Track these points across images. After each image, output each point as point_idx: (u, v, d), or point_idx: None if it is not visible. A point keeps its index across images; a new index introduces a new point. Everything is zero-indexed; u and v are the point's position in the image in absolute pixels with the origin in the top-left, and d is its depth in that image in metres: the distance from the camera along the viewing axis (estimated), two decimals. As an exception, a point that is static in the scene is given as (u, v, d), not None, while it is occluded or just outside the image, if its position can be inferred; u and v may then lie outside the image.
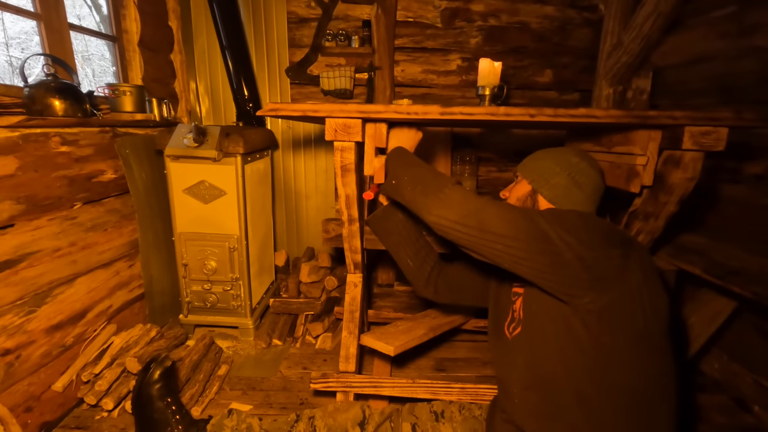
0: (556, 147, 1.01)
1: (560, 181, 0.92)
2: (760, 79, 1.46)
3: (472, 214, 0.76)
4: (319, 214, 2.53)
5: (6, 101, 1.33)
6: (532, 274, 0.75)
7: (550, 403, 0.79)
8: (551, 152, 0.98)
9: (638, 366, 0.72)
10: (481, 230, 0.75)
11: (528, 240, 0.73)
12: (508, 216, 0.75)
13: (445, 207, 0.79)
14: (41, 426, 1.31)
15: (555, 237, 0.72)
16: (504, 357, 0.93)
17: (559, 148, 0.99)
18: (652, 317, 0.72)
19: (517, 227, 0.74)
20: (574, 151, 0.95)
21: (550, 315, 0.79)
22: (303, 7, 2.26)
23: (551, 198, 0.92)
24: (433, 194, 0.82)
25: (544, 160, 0.97)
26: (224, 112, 2.38)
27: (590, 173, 0.92)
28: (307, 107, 1.02)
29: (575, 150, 0.97)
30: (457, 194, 0.80)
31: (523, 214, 0.76)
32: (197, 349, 1.62)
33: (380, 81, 2.27)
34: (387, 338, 1.36)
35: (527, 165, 1.00)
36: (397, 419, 1.07)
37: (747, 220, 1.52)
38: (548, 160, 0.96)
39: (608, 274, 0.71)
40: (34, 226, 1.28)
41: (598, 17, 2.26)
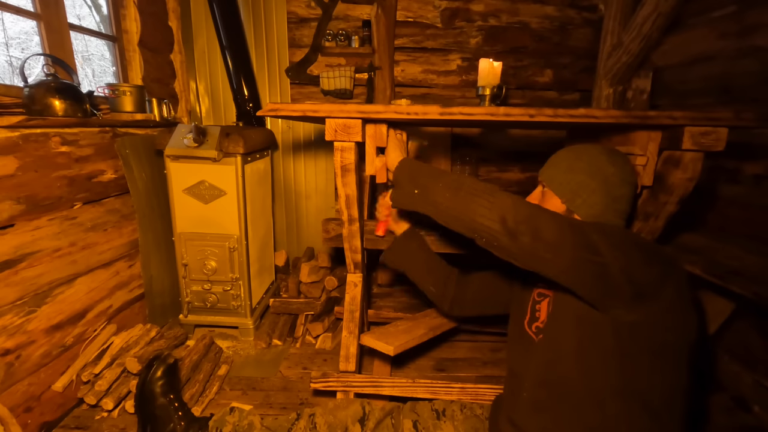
0: (584, 148, 0.91)
1: (598, 199, 0.85)
2: (759, 79, 1.46)
3: (525, 221, 0.73)
4: (319, 214, 2.53)
5: (6, 101, 1.33)
6: (574, 284, 0.74)
7: (562, 402, 0.79)
8: (582, 160, 0.88)
9: (659, 378, 0.73)
10: (534, 238, 0.72)
11: (578, 250, 0.71)
12: (561, 226, 0.72)
13: (497, 210, 0.74)
14: (41, 426, 1.31)
15: (604, 250, 0.70)
16: (522, 352, 0.93)
17: (589, 151, 0.89)
18: (681, 334, 0.73)
19: (570, 238, 0.72)
20: (608, 157, 0.87)
21: (580, 319, 0.79)
22: (303, 7, 2.26)
23: (587, 217, 0.87)
24: (483, 197, 0.77)
25: (576, 173, 0.87)
26: (224, 112, 2.38)
27: (625, 185, 0.86)
28: (307, 107, 1.02)
29: (608, 154, 0.88)
30: (509, 199, 0.76)
31: (574, 225, 0.74)
32: (197, 349, 1.62)
33: (380, 81, 2.27)
34: (387, 338, 1.36)
35: (556, 178, 0.91)
36: (398, 416, 1.07)
37: (747, 220, 1.53)
38: (582, 173, 0.87)
39: (648, 290, 0.71)
40: (34, 226, 1.28)
41: (598, 17, 2.26)
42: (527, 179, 2.51)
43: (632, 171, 0.88)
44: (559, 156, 0.94)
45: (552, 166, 0.93)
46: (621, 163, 0.86)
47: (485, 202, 0.76)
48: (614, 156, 0.88)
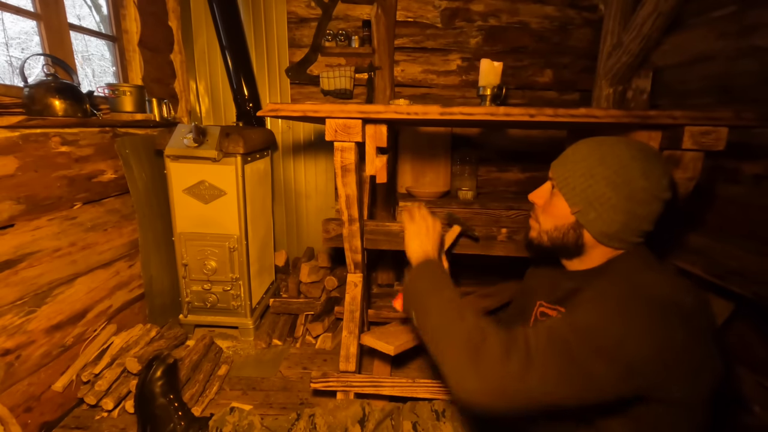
0: (612, 147, 0.73)
1: (617, 218, 0.71)
2: (759, 79, 1.46)
3: (515, 391, 0.59)
4: (319, 214, 2.53)
5: (6, 101, 1.33)
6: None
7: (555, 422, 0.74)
8: (607, 165, 0.71)
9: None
10: (530, 401, 0.60)
11: (587, 392, 0.60)
12: (559, 378, 0.59)
13: (477, 395, 0.60)
14: (41, 426, 1.31)
15: (620, 378, 0.59)
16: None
17: (618, 153, 0.71)
18: (704, 390, 0.64)
19: (573, 386, 0.59)
20: (641, 166, 0.69)
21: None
22: (303, 7, 2.26)
23: (600, 237, 0.74)
24: (458, 375, 0.62)
25: (596, 180, 0.72)
26: (224, 112, 2.38)
27: (655, 203, 0.70)
28: (307, 108, 1.02)
29: (642, 160, 0.70)
30: (494, 356, 0.60)
31: (573, 365, 0.59)
32: (197, 349, 1.62)
33: (380, 81, 2.27)
34: (387, 338, 1.36)
35: (570, 180, 0.75)
36: (397, 417, 1.07)
37: (747, 220, 1.52)
38: (604, 182, 0.71)
39: (681, 379, 0.61)
40: (34, 226, 1.28)
41: (598, 17, 2.26)
42: (527, 179, 2.51)
43: (669, 183, 0.71)
44: (580, 152, 0.76)
45: (568, 163, 0.77)
46: (657, 176, 0.69)
47: (467, 370, 0.61)
48: (650, 164, 0.70)
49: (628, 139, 0.75)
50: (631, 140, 0.75)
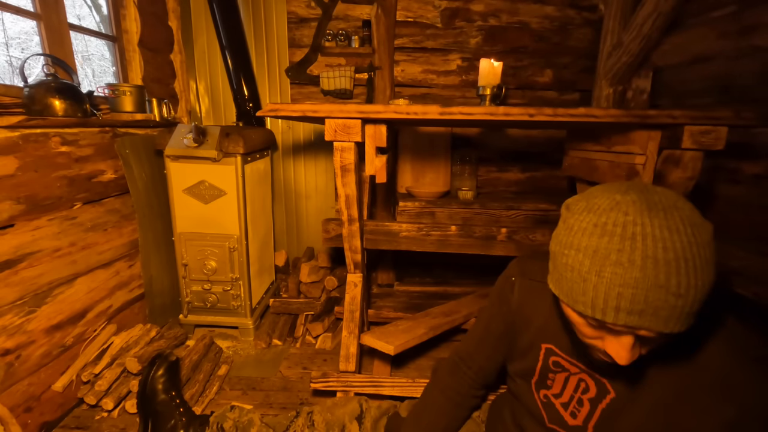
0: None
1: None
2: (759, 79, 1.46)
3: None
4: (319, 214, 2.53)
5: (6, 101, 1.33)
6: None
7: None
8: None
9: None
10: None
11: None
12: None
13: None
14: (41, 426, 1.31)
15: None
16: (527, 414, 0.79)
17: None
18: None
19: None
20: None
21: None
22: (303, 7, 2.26)
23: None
24: None
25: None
26: (224, 112, 2.38)
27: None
28: (306, 108, 1.02)
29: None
30: None
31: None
32: (197, 349, 1.62)
33: (380, 81, 2.27)
34: (387, 338, 1.37)
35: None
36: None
37: (747, 220, 1.52)
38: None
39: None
40: (34, 226, 1.28)
41: (598, 17, 2.26)
42: (527, 179, 2.51)
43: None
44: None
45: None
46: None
47: None
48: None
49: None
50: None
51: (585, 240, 0.51)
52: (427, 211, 1.81)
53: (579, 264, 0.51)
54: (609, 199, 0.52)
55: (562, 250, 0.54)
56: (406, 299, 1.96)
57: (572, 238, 0.53)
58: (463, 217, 1.80)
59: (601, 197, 0.53)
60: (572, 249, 0.53)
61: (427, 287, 2.13)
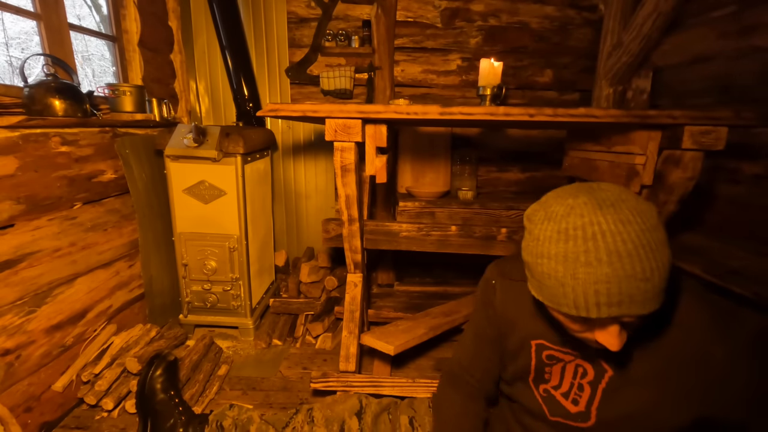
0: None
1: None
2: (759, 79, 1.46)
3: None
4: (319, 214, 2.53)
5: (6, 101, 1.33)
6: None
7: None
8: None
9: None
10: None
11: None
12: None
13: None
14: (41, 426, 1.31)
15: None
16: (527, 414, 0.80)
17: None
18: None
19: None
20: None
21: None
22: (303, 7, 2.26)
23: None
24: None
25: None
26: (224, 112, 2.38)
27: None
28: (306, 108, 1.02)
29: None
30: None
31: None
32: (197, 349, 1.62)
33: (380, 81, 2.27)
34: (387, 338, 1.37)
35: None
36: (395, 411, 1.07)
37: (747, 220, 1.52)
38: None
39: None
40: (34, 226, 1.28)
41: (598, 17, 2.26)
42: (527, 179, 2.51)
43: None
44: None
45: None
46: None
47: None
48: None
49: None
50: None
51: (553, 247, 0.55)
52: (427, 211, 1.82)
53: (554, 271, 0.55)
54: (563, 205, 0.57)
55: (536, 259, 0.58)
56: (406, 299, 1.96)
57: (541, 248, 0.57)
58: (463, 217, 1.80)
59: (556, 204, 0.58)
60: (544, 258, 0.56)
61: (427, 287, 2.13)
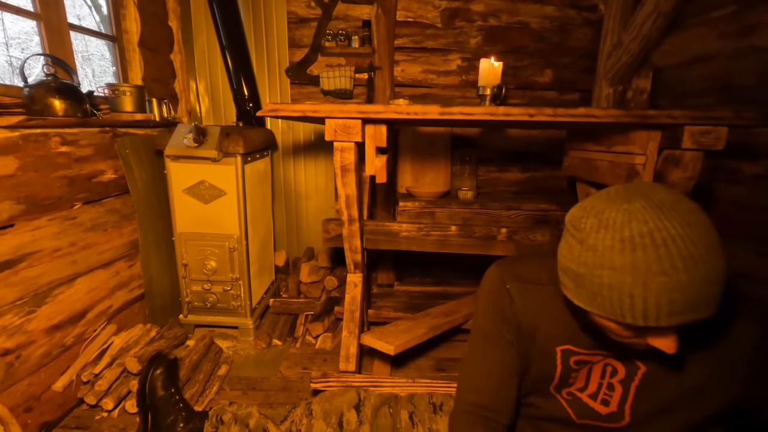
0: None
1: None
2: (759, 79, 1.46)
3: None
4: (319, 214, 2.53)
5: (6, 101, 1.33)
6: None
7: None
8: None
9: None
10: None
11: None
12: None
13: None
14: (41, 426, 1.31)
15: None
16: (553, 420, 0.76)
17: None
18: None
19: None
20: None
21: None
22: (303, 7, 2.26)
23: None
24: None
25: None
26: (224, 112, 2.38)
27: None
28: (306, 108, 1.02)
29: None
30: None
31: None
32: (197, 349, 1.62)
33: (380, 81, 2.27)
34: (387, 338, 1.37)
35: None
36: (395, 406, 1.07)
37: (747, 220, 1.52)
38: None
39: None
40: (34, 226, 1.28)
41: (598, 17, 2.26)
42: (527, 179, 2.51)
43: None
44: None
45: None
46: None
47: None
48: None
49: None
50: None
51: (617, 258, 0.51)
52: (427, 211, 1.82)
53: (620, 282, 0.51)
54: (620, 211, 0.52)
55: (593, 271, 0.53)
56: (406, 299, 1.96)
57: (602, 259, 0.52)
58: (463, 217, 1.80)
59: (609, 210, 0.54)
60: (605, 269, 0.52)
61: (427, 287, 2.13)
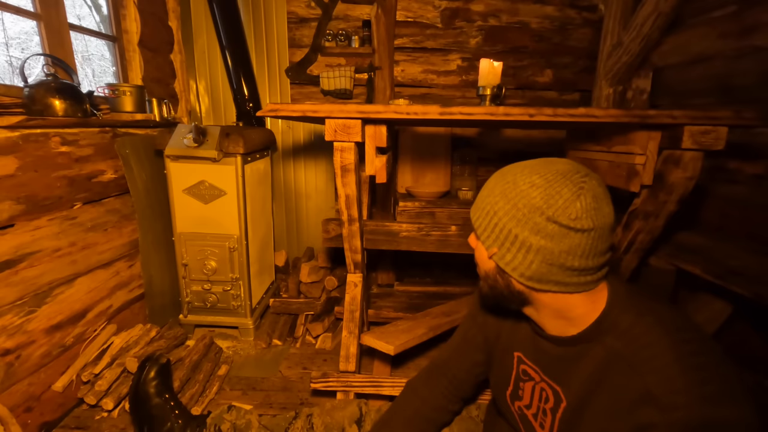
0: (514, 174, 0.62)
1: (530, 256, 0.59)
2: (759, 79, 1.46)
3: None
4: (319, 214, 2.53)
5: (6, 101, 1.33)
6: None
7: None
8: (507, 196, 0.60)
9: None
10: None
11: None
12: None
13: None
14: (41, 426, 1.31)
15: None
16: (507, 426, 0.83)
17: (517, 182, 0.60)
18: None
19: None
20: (540, 191, 0.58)
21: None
22: (303, 7, 2.26)
23: (526, 281, 0.61)
24: None
25: (499, 216, 0.61)
26: (224, 112, 2.38)
27: (573, 236, 0.56)
28: (306, 108, 1.02)
29: (542, 187, 0.58)
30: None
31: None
32: (197, 349, 1.62)
33: (380, 81, 2.27)
34: (387, 338, 1.37)
35: (478, 220, 0.64)
36: None
37: (747, 220, 1.52)
38: (506, 217, 0.60)
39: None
40: (34, 226, 1.28)
41: (598, 17, 2.26)
42: (527, 179, 2.51)
43: (587, 209, 0.56)
44: (487, 186, 0.65)
45: (478, 201, 0.66)
46: (562, 203, 0.56)
47: None
48: (554, 188, 0.57)
49: (537, 163, 0.62)
50: (540, 163, 0.62)
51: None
52: (427, 211, 1.81)
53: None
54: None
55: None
56: (406, 299, 1.96)
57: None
58: (463, 217, 1.80)
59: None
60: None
61: (427, 287, 2.13)
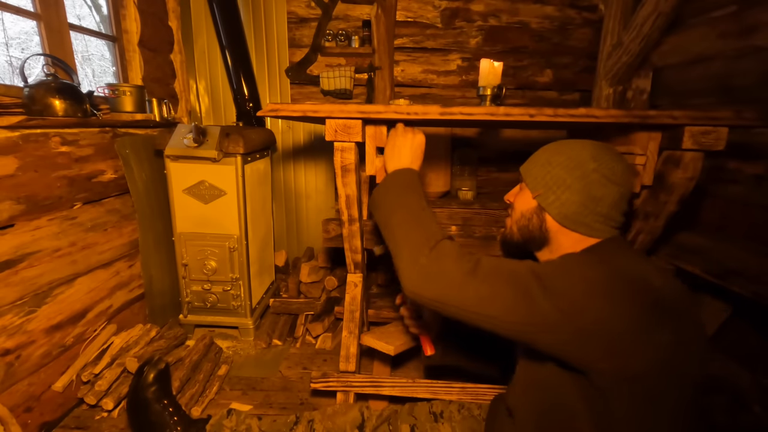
0: (570, 142, 0.82)
1: (573, 198, 0.76)
2: (759, 79, 1.46)
3: (451, 294, 0.69)
4: (319, 214, 2.53)
5: (6, 101, 1.33)
6: (540, 346, 0.67)
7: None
8: (563, 153, 0.80)
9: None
10: (465, 310, 0.68)
11: (526, 320, 0.65)
12: (495, 295, 0.66)
13: (421, 280, 0.71)
14: (41, 426, 1.31)
15: (558, 313, 0.62)
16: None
17: (573, 145, 0.80)
18: (683, 388, 0.64)
19: (511, 308, 0.65)
20: (592, 152, 0.77)
21: (535, 385, 0.76)
22: (303, 7, 2.26)
23: (561, 219, 0.78)
24: (409, 258, 0.74)
25: (553, 167, 0.79)
26: (224, 112, 2.38)
27: (609, 186, 0.74)
28: (306, 108, 1.02)
29: (594, 149, 0.78)
30: (435, 265, 0.71)
31: (516, 288, 0.66)
32: (197, 349, 1.62)
33: (380, 81, 2.27)
34: (387, 338, 1.36)
35: (531, 171, 0.84)
36: (395, 421, 1.06)
37: (747, 220, 1.52)
38: (559, 167, 0.78)
39: (634, 348, 0.61)
40: (34, 226, 1.28)
41: (598, 17, 2.26)
42: (527, 179, 2.51)
43: (623, 171, 0.76)
44: (542, 149, 0.86)
45: (532, 158, 0.87)
46: (607, 160, 0.75)
47: (411, 268, 0.72)
48: (601, 152, 0.77)
49: (589, 139, 0.82)
50: (590, 140, 0.81)
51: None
52: (427, 211, 1.81)
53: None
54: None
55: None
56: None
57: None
58: (463, 217, 1.80)
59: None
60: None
61: (427, 287, 2.13)
